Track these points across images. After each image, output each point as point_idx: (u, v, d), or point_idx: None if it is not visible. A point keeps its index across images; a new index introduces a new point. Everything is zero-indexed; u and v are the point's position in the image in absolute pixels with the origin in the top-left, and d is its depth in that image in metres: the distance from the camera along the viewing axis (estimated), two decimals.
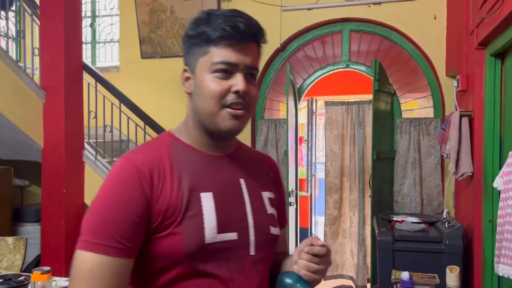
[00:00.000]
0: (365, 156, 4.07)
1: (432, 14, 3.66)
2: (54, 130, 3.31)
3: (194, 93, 0.91)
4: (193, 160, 0.92)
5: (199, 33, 0.89)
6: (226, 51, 0.87)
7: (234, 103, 0.88)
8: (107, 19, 4.81)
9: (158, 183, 0.85)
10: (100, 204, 0.84)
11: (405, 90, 3.91)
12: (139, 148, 0.93)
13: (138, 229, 0.83)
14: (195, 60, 0.90)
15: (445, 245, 2.47)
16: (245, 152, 1.05)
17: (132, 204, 0.82)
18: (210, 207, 0.88)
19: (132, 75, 4.40)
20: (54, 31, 3.28)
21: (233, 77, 0.88)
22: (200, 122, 0.92)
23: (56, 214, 3.31)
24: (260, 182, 1.01)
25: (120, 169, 0.86)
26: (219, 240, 0.87)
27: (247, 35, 0.89)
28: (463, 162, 2.55)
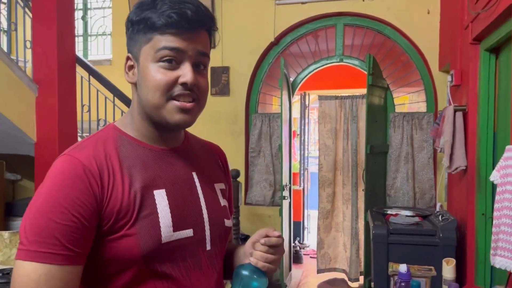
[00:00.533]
0: (358, 150, 4.10)
1: (426, 9, 3.68)
2: (47, 123, 3.27)
3: (138, 84, 0.85)
4: (142, 155, 0.86)
5: (143, 19, 0.81)
6: (173, 39, 0.81)
7: (181, 95, 0.82)
8: (99, 11, 4.75)
9: (108, 182, 0.79)
10: (43, 207, 0.74)
11: (398, 85, 3.94)
12: (82, 144, 0.84)
13: (88, 233, 0.76)
14: (138, 48, 0.83)
15: (439, 238, 2.51)
16: (194, 143, 1.00)
17: (81, 206, 0.75)
18: (164, 204, 0.83)
19: None
20: (46, 24, 3.23)
21: (180, 67, 0.82)
22: (146, 114, 0.86)
23: None
24: (212, 174, 0.98)
25: (65, 168, 0.77)
26: (175, 239, 0.83)
27: (196, 23, 0.82)
28: (457, 156, 2.59)
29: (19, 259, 0.73)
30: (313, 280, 4.27)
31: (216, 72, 4.11)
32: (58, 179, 0.76)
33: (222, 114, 4.11)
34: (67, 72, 3.37)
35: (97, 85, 3.62)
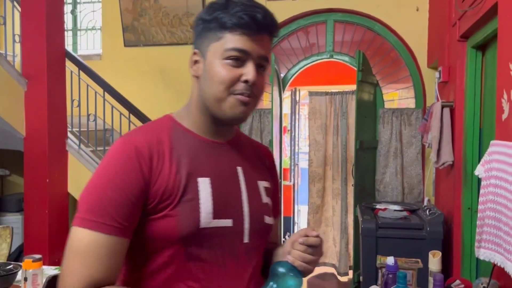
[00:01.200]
0: (348, 145, 4.14)
1: (415, 6, 3.72)
2: (37, 118, 3.25)
3: (202, 77, 0.91)
4: (193, 145, 0.92)
5: (214, 18, 0.88)
6: (241, 39, 0.87)
7: (242, 92, 0.88)
8: (88, 6, 4.72)
9: (156, 166, 0.86)
10: (99, 182, 0.84)
11: (388, 81, 3.98)
12: (139, 130, 0.93)
13: (135, 209, 0.83)
14: (207, 44, 0.90)
15: (426, 232, 2.55)
16: (244, 140, 1.05)
17: (131, 185, 0.83)
18: (206, 192, 0.88)
19: (115, 63, 4.34)
20: (35, 18, 3.21)
21: (244, 66, 0.88)
22: (205, 107, 0.92)
23: (40, 203, 3.27)
24: (257, 171, 1.01)
25: (120, 149, 0.86)
26: (214, 226, 0.87)
27: (263, 27, 0.88)
28: (444, 151, 2.63)
29: (75, 225, 0.82)
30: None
31: None
32: (113, 158, 0.86)
33: None
34: (57, 66, 3.36)
35: (87, 80, 3.60)
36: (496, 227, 1.57)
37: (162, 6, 4.15)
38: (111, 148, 0.88)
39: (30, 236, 3.31)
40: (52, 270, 1.96)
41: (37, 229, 3.28)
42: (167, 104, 4.21)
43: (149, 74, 4.26)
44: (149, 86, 4.25)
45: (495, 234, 1.57)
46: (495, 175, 1.58)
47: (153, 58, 4.25)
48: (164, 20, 4.17)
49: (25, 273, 1.49)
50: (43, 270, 1.56)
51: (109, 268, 0.81)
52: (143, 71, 4.27)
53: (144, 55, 4.28)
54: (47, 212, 3.27)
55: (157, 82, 4.24)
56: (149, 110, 3.82)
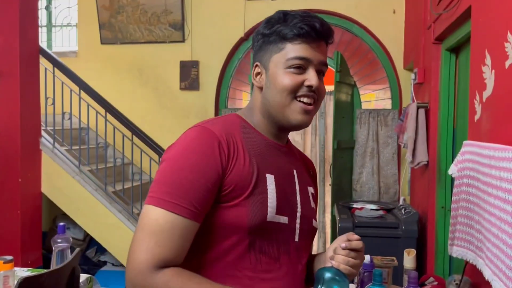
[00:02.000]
0: (326, 145, 4.17)
1: (392, 9, 3.78)
2: (9, 116, 3.17)
3: (266, 87, 0.97)
4: (260, 142, 0.97)
5: (274, 31, 0.94)
6: (302, 48, 0.93)
7: (305, 95, 0.94)
8: (64, 1, 4.62)
9: (233, 155, 0.89)
10: (178, 165, 0.86)
11: (365, 82, 4.04)
12: (213, 121, 0.96)
13: (211, 196, 0.86)
14: (268, 57, 0.96)
15: (401, 230, 2.60)
16: (293, 148, 1.11)
17: (210, 171, 0.86)
18: (272, 188, 0.93)
19: (91, 61, 4.27)
20: (8, 12, 3.13)
21: (306, 73, 0.94)
22: (269, 114, 0.98)
23: (11, 203, 3.19)
24: (306, 177, 1.08)
25: (200, 135, 0.89)
26: (275, 221, 0.92)
27: (321, 35, 0.95)
28: (419, 151, 2.68)
29: (150, 204, 0.84)
30: None
31: (185, 66, 4.08)
32: (194, 143, 0.88)
33: (191, 109, 4.10)
34: (30, 63, 3.28)
35: (62, 78, 3.53)
36: (468, 225, 1.61)
37: (140, 4, 4.10)
38: (187, 135, 0.91)
39: (1, 237, 3.21)
40: (24, 271, 1.90)
41: (9, 230, 3.19)
42: (144, 102, 4.17)
43: (126, 72, 4.20)
44: (126, 84, 4.19)
45: (467, 232, 1.61)
46: (468, 174, 1.62)
47: (130, 56, 4.20)
48: (142, 17, 4.12)
49: None
50: (14, 271, 1.51)
51: (179, 249, 0.84)
52: (120, 69, 4.21)
53: (121, 53, 4.22)
54: (19, 212, 3.19)
55: (134, 80, 4.18)
56: (126, 109, 3.78)
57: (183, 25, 4.06)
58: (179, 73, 4.09)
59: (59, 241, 1.72)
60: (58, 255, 1.69)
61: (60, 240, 1.72)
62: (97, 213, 3.43)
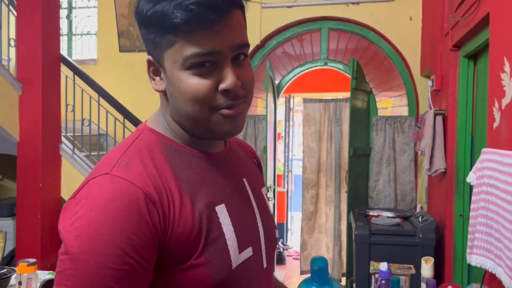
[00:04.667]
0: (342, 152, 4.16)
1: (408, 16, 3.77)
2: (31, 122, 3.24)
3: (170, 94, 0.69)
4: (194, 164, 0.71)
5: (156, 15, 0.64)
6: (201, 38, 0.63)
7: (226, 106, 0.68)
8: (84, 11, 4.73)
9: (169, 207, 0.63)
10: (92, 246, 0.58)
11: (381, 89, 4.02)
12: (124, 157, 0.66)
13: (146, 274, 0.62)
14: (159, 52, 0.68)
15: (418, 238, 2.58)
16: (233, 144, 0.87)
17: (141, 245, 0.60)
18: (227, 223, 0.70)
19: (110, 68, 4.35)
20: (31, 22, 3.22)
21: (218, 70, 0.66)
22: (185, 126, 0.72)
23: (32, 208, 3.26)
24: (256, 176, 0.87)
25: (116, 194, 0.60)
26: (240, 262, 0.71)
27: (223, 7, 0.63)
28: (436, 158, 2.66)
29: None
30: (296, 281, 4.31)
31: None
32: (109, 209, 0.59)
33: None
34: (52, 71, 3.36)
35: (82, 85, 3.60)
36: (487, 234, 1.59)
37: None
38: (95, 191, 0.62)
39: (22, 241, 3.28)
40: (46, 274, 1.95)
41: (30, 234, 3.26)
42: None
43: (144, 79, 4.26)
44: (143, 91, 4.25)
45: (487, 241, 1.59)
46: (487, 182, 1.61)
47: None
48: None
49: (19, 277, 1.49)
50: (37, 274, 1.55)
51: None
52: (138, 76, 4.27)
53: (139, 60, 4.29)
54: (40, 217, 3.26)
55: (151, 87, 4.23)
56: (143, 115, 3.82)
57: None
58: None
59: None
60: None
61: None
62: None
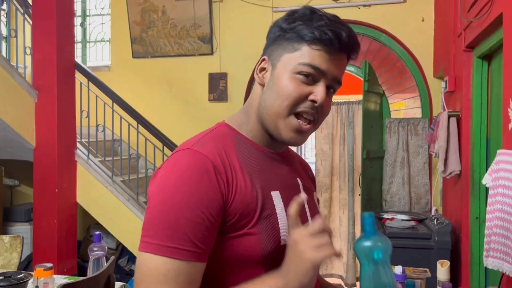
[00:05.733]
0: (355, 155, 4.14)
1: (420, 17, 3.75)
2: (46, 129, 3.30)
3: (268, 87, 0.84)
4: (257, 156, 0.86)
5: (294, 28, 0.81)
6: (319, 56, 0.80)
7: (306, 111, 0.81)
8: (97, 18, 4.80)
9: (232, 180, 0.77)
10: (172, 201, 0.73)
11: (394, 91, 4.00)
12: (202, 140, 0.82)
13: (214, 230, 0.75)
14: (279, 53, 0.83)
15: (434, 241, 2.55)
16: (291, 152, 1.00)
17: (209, 204, 0.74)
18: (280, 207, 0.82)
19: (123, 74, 4.40)
20: (46, 30, 3.28)
21: (315, 85, 0.81)
22: (262, 118, 0.85)
23: (49, 213, 3.31)
24: (308, 183, 0.99)
25: (191, 162, 0.76)
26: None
27: (345, 47, 0.81)
28: (451, 160, 2.63)
29: (147, 252, 0.72)
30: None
31: (214, 78, 4.16)
32: (186, 174, 0.74)
33: (220, 120, 4.13)
34: (67, 78, 3.41)
35: (96, 91, 3.66)
36: (504, 236, 1.57)
37: (170, 18, 4.21)
38: (176, 161, 0.78)
39: (39, 246, 3.33)
40: (62, 279, 1.97)
41: (46, 239, 3.31)
42: (173, 113, 4.26)
43: (157, 84, 4.31)
44: (156, 96, 4.30)
45: (503, 243, 1.57)
46: (503, 184, 1.59)
47: (160, 69, 4.31)
48: (171, 32, 4.22)
49: (36, 281, 1.51)
50: (54, 278, 1.57)
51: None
52: (150, 82, 4.32)
53: (151, 66, 4.34)
54: (56, 221, 3.31)
55: (164, 92, 4.28)
56: (157, 120, 3.87)
57: (212, 38, 4.15)
58: (208, 85, 4.17)
59: (96, 250, 1.79)
60: (94, 263, 1.75)
61: (96, 249, 1.79)
62: (130, 222, 3.51)
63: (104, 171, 3.58)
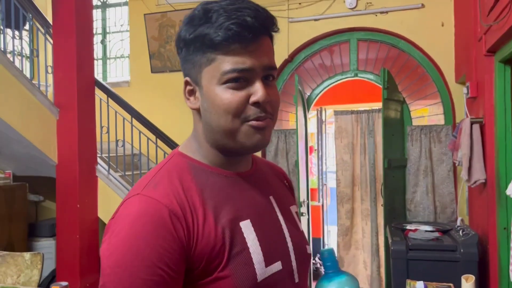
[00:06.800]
0: (376, 164, 4.06)
1: (440, 22, 3.67)
2: (68, 145, 3.36)
3: (204, 109, 0.76)
4: (219, 183, 0.77)
5: (198, 36, 0.72)
6: (237, 56, 0.72)
7: (255, 118, 0.74)
8: (117, 35, 4.90)
9: (192, 223, 0.70)
10: (125, 260, 0.66)
11: (415, 98, 3.91)
12: (154, 179, 0.74)
13: (177, 284, 0.68)
14: (198, 70, 0.75)
15: (459, 253, 2.45)
16: (261, 165, 0.91)
17: (168, 256, 0.66)
18: (252, 237, 0.75)
19: (143, 89, 4.46)
20: (66, 49, 3.35)
21: (250, 85, 0.74)
22: (216, 142, 0.78)
23: (71, 228, 3.35)
24: (285, 196, 0.91)
25: (143, 211, 0.68)
26: (268, 275, 0.75)
27: (258, 30, 0.73)
28: (475, 169, 2.54)
29: None
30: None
31: None
32: (138, 225, 0.67)
33: None
34: (87, 95, 3.47)
35: (115, 107, 3.71)
36: None
37: None
38: (126, 209, 0.71)
39: (62, 260, 3.38)
40: None
41: (69, 254, 3.35)
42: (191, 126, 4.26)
43: (175, 98, 4.34)
44: (175, 110, 4.32)
45: None
46: None
47: (179, 83, 4.25)
48: None
49: None
50: None
51: None
52: (169, 96, 4.36)
53: (170, 81, 4.38)
54: (78, 236, 3.35)
55: (182, 105, 4.26)
56: (176, 134, 3.89)
57: None
58: None
59: None
60: None
61: None
62: None
63: (124, 186, 3.61)
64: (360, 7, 3.88)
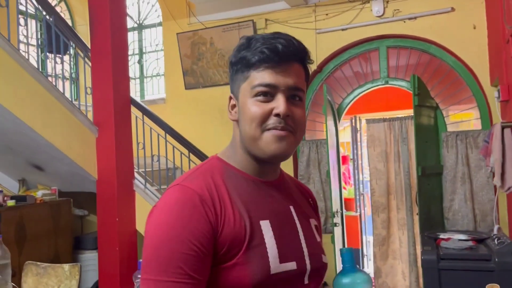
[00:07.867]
0: (411, 172, 3.97)
1: (471, 24, 3.58)
2: (107, 162, 3.53)
3: (240, 119, 0.90)
4: (246, 186, 0.89)
5: (240, 59, 0.88)
6: (265, 74, 0.85)
7: (274, 127, 0.85)
8: (153, 54, 5.11)
9: (220, 211, 0.82)
10: (165, 237, 0.79)
11: (449, 103, 3.81)
12: (193, 175, 0.88)
13: (207, 260, 0.80)
14: (238, 87, 0.90)
15: (494, 263, 2.36)
16: (288, 180, 1.03)
17: (200, 236, 0.79)
18: (270, 235, 0.85)
19: (177, 105, 4.63)
20: (103, 71, 3.55)
21: (274, 100, 0.86)
22: (246, 148, 0.90)
23: (111, 241, 3.51)
24: (306, 210, 1.00)
25: (181, 198, 0.82)
26: (281, 270, 0.84)
27: (287, 56, 0.86)
28: (508, 175, 2.45)
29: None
30: None
31: None
32: (176, 209, 0.80)
33: None
34: (123, 113, 3.65)
35: (150, 124, 3.87)
36: None
37: (217, 49, 4.38)
38: (167, 197, 0.84)
39: (104, 272, 3.54)
40: None
41: (109, 266, 3.50)
42: (225, 141, 4.34)
43: (209, 113, 4.47)
44: (208, 124, 4.45)
45: None
46: None
47: (211, 98, 4.47)
48: (220, 61, 4.39)
49: None
50: None
51: None
52: (203, 111, 4.49)
53: (203, 96, 4.51)
54: (118, 249, 3.49)
55: (216, 120, 4.43)
56: (207, 148, 4.00)
57: None
58: None
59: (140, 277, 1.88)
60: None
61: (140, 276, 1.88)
62: None
63: None
64: (388, 15, 3.86)
